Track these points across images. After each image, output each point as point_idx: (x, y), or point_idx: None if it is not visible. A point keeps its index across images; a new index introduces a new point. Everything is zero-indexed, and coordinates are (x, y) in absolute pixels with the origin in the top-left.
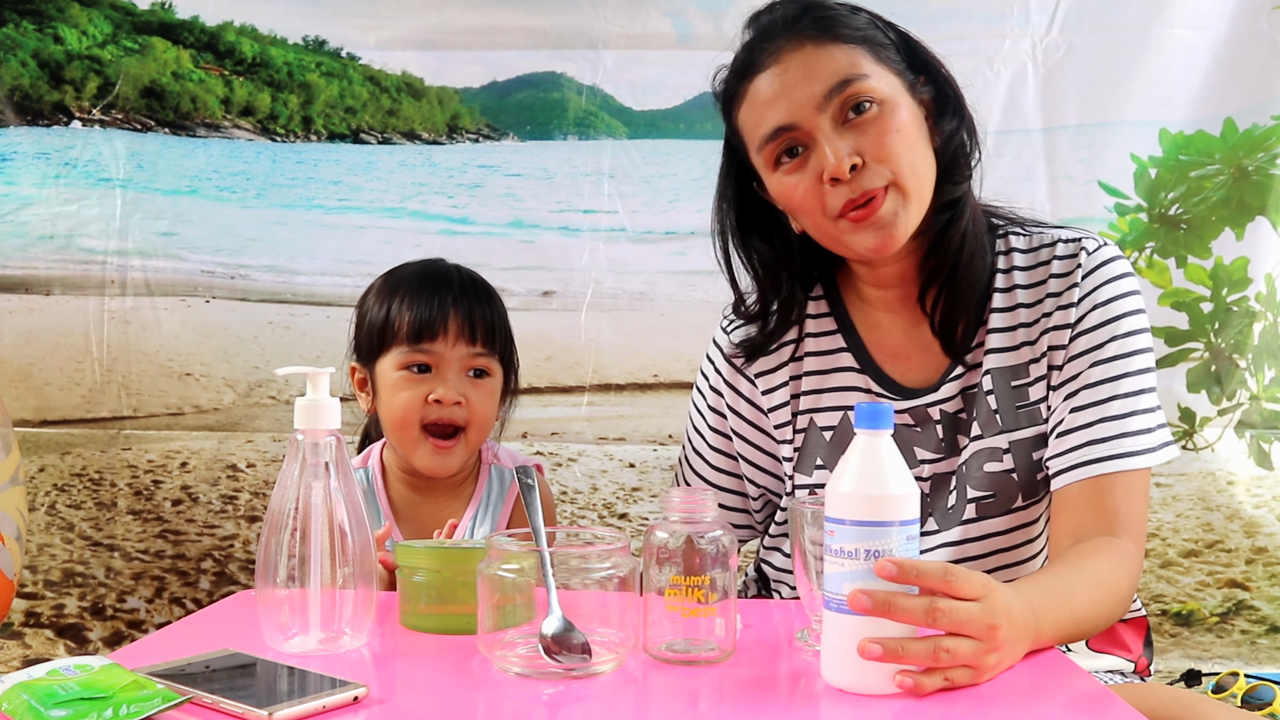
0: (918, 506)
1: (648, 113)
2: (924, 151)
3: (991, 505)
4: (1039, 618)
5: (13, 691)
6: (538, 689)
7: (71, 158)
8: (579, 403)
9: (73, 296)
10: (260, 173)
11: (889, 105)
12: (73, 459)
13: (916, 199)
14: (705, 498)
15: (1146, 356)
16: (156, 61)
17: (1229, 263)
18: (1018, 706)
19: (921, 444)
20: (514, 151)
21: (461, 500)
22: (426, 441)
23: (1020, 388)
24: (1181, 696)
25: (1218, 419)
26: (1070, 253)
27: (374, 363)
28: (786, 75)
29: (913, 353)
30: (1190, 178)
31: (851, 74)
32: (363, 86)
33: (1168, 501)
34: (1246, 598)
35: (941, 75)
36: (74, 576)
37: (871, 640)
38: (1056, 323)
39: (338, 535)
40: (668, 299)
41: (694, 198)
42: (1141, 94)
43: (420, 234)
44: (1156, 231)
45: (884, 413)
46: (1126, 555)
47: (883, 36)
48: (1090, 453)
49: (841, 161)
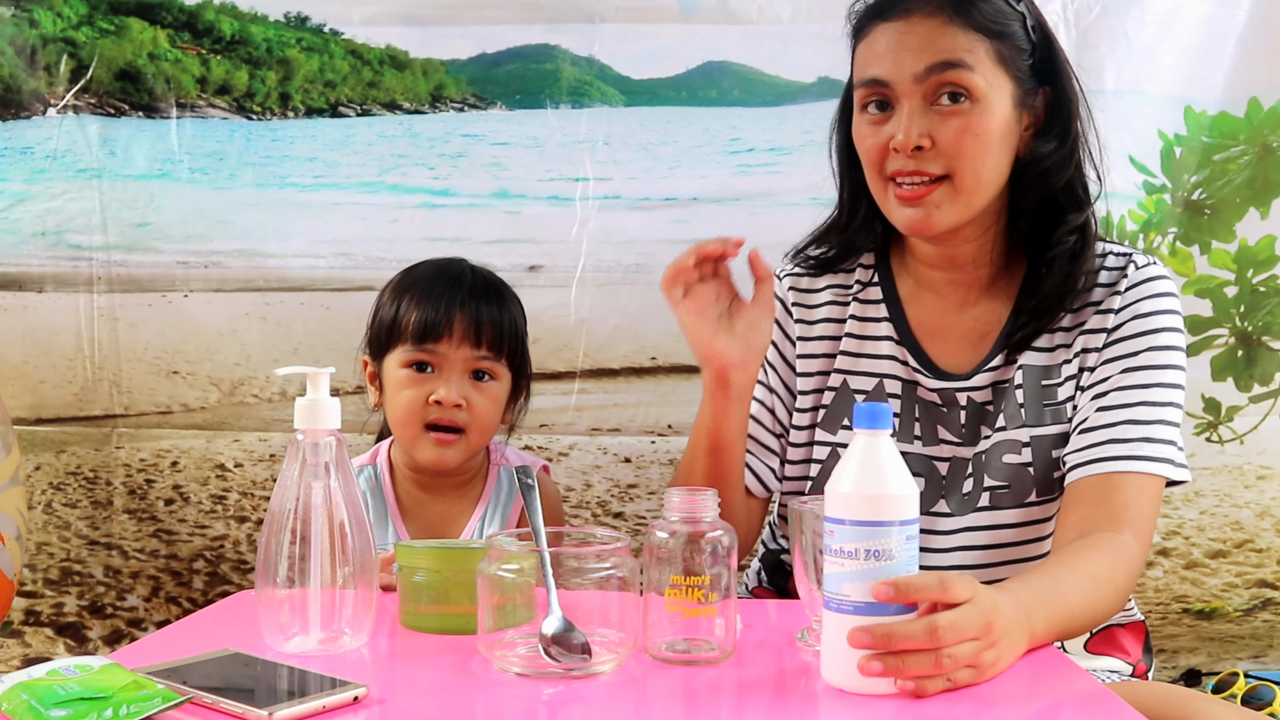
0: (917, 506)
1: (648, 81)
2: (999, 159)
3: (1005, 496)
4: (1030, 612)
5: (13, 691)
6: (538, 689)
7: (51, 149)
8: (569, 390)
9: (64, 294)
10: (234, 152)
11: (982, 105)
12: (68, 457)
13: (968, 197)
14: (705, 497)
15: (1178, 374)
16: (132, 43)
17: (1254, 243)
18: (1017, 706)
19: (946, 425)
20: (501, 120)
21: (469, 500)
22: (428, 435)
23: (1050, 387)
24: (1181, 695)
25: (1249, 407)
26: (1119, 265)
27: (382, 358)
28: (905, 36)
29: (953, 337)
30: (1214, 161)
31: (960, 60)
32: (344, 60)
33: (1190, 498)
34: (1276, 595)
35: (1066, 95)
36: (72, 575)
37: (871, 658)
38: (1093, 326)
39: (338, 535)
40: None
41: (697, 163)
42: (1170, 67)
43: (398, 209)
44: (1180, 216)
45: (883, 413)
46: (1126, 550)
47: (1023, 36)
48: (1109, 450)
49: (910, 139)
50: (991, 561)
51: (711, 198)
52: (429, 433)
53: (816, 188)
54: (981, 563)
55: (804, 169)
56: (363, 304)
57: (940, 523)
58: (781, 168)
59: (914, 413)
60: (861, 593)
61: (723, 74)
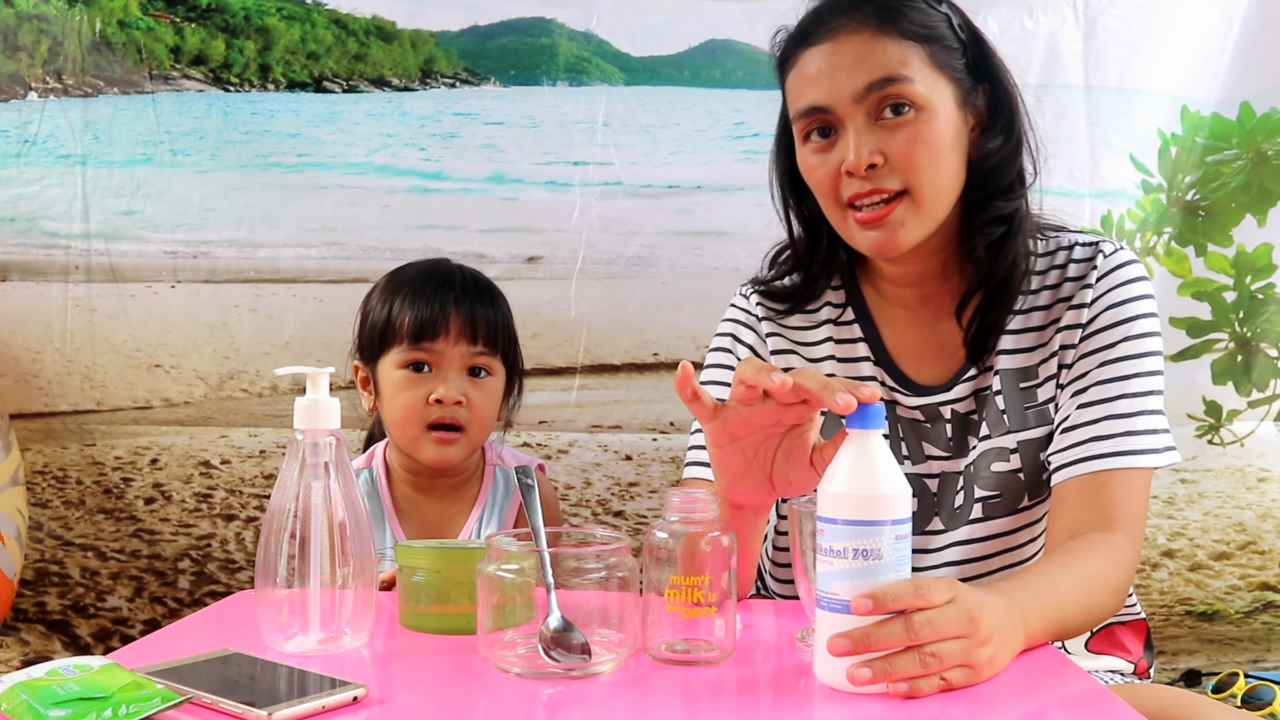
0: (909, 506)
1: (648, 59)
2: (953, 164)
3: (998, 505)
4: (1023, 609)
5: (12, 691)
6: (537, 689)
7: (30, 134)
8: (569, 386)
9: (33, 283)
10: (213, 129)
11: (927, 112)
12: (33, 455)
13: (929, 209)
14: (705, 497)
15: (1156, 360)
16: (102, 10)
17: (1251, 250)
18: (1017, 706)
19: (932, 441)
20: (495, 98)
21: (466, 501)
22: (429, 435)
23: (1029, 389)
24: (1181, 696)
25: (1248, 411)
26: (1086, 256)
27: (376, 362)
28: (835, 57)
29: (928, 351)
30: (1207, 162)
31: (897, 73)
32: (327, 30)
33: (1194, 499)
34: (1278, 599)
35: (1003, 89)
36: (49, 576)
37: (859, 665)
38: (1068, 323)
39: (337, 535)
40: (670, 264)
41: (700, 149)
42: (1171, 66)
43: (389, 192)
44: (1174, 217)
45: (875, 412)
46: (1119, 550)
47: (952, 38)
48: (1093, 449)
49: (861, 159)
50: (984, 571)
51: (716, 186)
52: (430, 432)
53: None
54: (974, 573)
55: None
56: (356, 296)
57: (933, 540)
58: None
59: (898, 432)
60: (854, 592)
61: (725, 53)
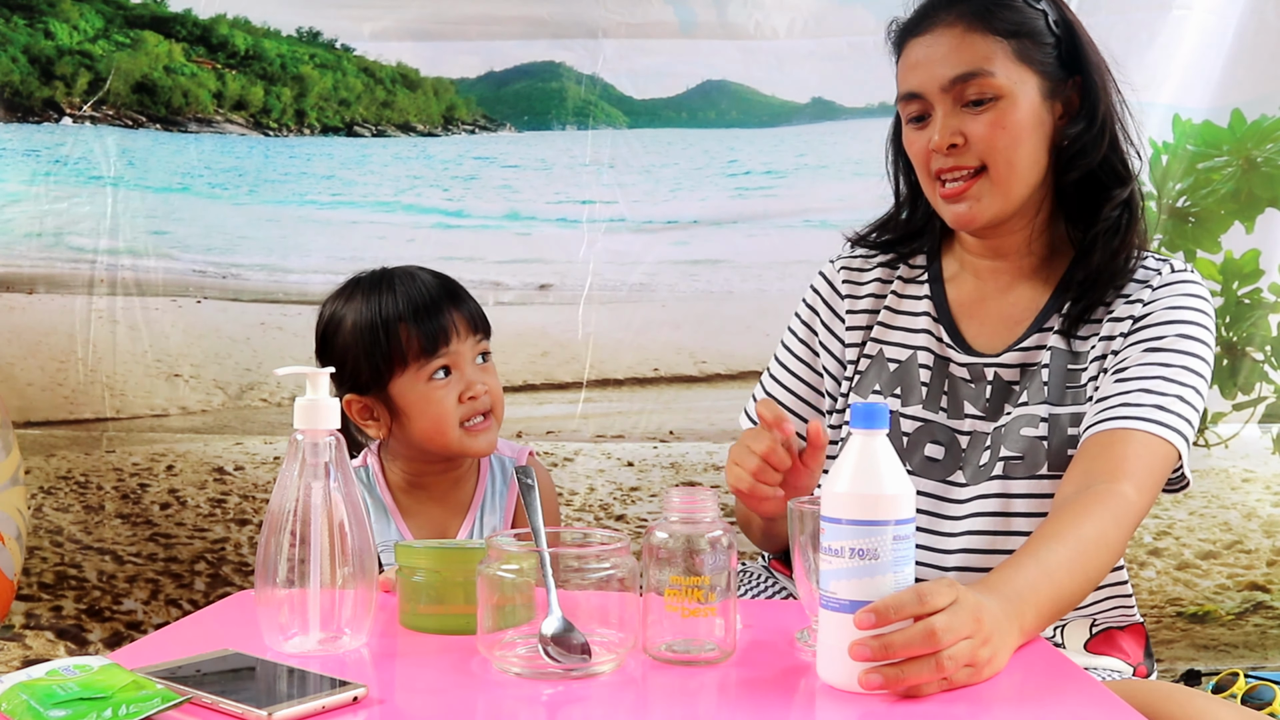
0: (912, 506)
1: (649, 101)
2: (1031, 148)
3: (1019, 467)
4: (1019, 603)
5: (12, 691)
6: (537, 689)
7: (62, 155)
8: (575, 399)
9: (58, 295)
10: (253, 168)
11: (1007, 101)
12: (58, 461)
13: (1005, 187)
14: (705, 497)
15: (1202, 364)
16: (148, 56)
17: (1239, 256)
18: (1017, 706)
19: (971, 399)
20: (511, 142)
21: (464, 496)
22: (465, 431)
23: (1075, 371)
24: (1181, 695)
25: (1232, 414)
26: (1156, 267)
27: (384, 388)
28: (931, 49)
29: (989, 319)
30: (1198, 170)
31: (980, 68)
32: (357, 78)
33: (1179, 499)
34: (1267, 599)
35: (1093, 81)
36: (67, 580)
37: (870, 670)
38: (1121, 314)
39: (337, 535)
40: (669, 290)
41: (697, 186)
42: (1163, 73)
43: (414, 228)
44: (1165, 224)
45: (879, 412)
46: (1122, 501)
47: (1045, 32)
48: (1119, 411)
49: (945, 139)
50: (1002, 530)
51: (710, 220)
52: (465, 428)
53: (809, 211)
54: (993, 529)
55: (797, 192)
56: None
57: (955, 491)
58: (777, 190)
59: (943, 386)
60: (853, 591)
61: (720, 93)
